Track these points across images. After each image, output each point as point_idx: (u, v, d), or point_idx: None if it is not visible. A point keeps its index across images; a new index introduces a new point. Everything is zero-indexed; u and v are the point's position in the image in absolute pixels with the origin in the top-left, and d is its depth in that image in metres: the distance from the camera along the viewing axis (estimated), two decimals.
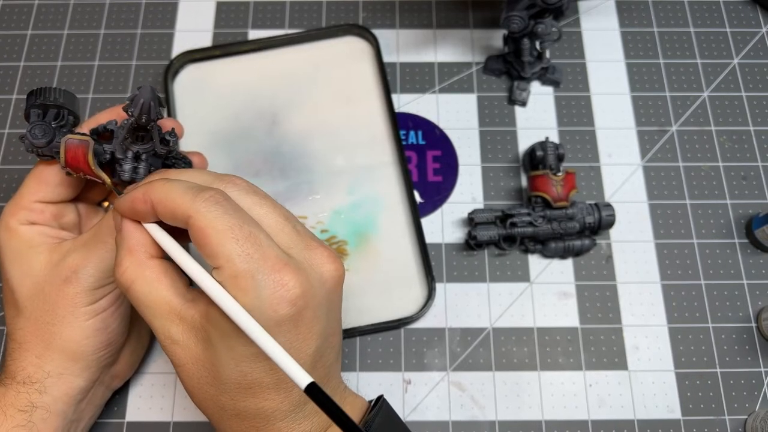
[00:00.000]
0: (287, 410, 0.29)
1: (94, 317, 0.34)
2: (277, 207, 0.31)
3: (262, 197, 0.30)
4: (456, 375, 0.42)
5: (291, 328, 0.28)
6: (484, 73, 0.51)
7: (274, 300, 0.27)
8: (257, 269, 0.27)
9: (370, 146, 0.48)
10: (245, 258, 0.27)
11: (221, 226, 0.27)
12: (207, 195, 0.28)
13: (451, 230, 0.46)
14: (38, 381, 0.34)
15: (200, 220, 0.27)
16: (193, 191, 0.28)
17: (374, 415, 0.31)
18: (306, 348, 0.29)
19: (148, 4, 0.53)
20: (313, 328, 0.29)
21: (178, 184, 0.29)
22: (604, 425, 0.41)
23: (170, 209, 0.28)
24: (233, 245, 0.27)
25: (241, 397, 0.29)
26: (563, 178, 0.43)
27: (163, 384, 0.42)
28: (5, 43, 0.52)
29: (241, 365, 0.28)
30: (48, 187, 0.35)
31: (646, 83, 0.50)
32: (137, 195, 0.29)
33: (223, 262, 0.27)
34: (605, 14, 0.53)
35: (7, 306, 0.35)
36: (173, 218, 0.28)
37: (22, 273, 0.34)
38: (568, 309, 0.44)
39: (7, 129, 0.49)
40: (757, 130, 0.49)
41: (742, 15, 0.53)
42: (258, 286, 0.27)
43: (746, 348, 0.43)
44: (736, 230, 0.46)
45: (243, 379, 0.28)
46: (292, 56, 0.50)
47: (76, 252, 0.34)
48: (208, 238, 0.27)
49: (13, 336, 0.35)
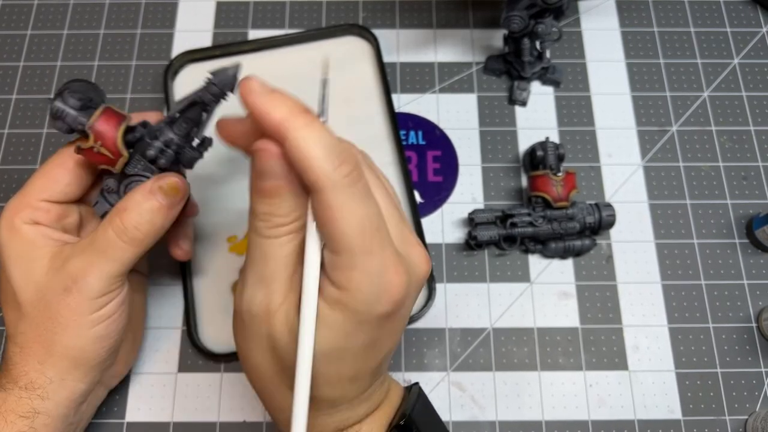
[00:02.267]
0: (353, 397, 0.30)
1: (98, 325, 0.34)
2: (390, 191, 0.30)
3: (380, 177, 0.30)
4: (456, 375, 0.42)
5: (384, 324, 0.28)
6: (485, 73, 0.51)
7: (381, 298, 0.26)
8: (375, 270, 0.26)
9: (370, 146, 0.47)
10: (367, 254, 0.26)
11: (354, 215, 0.25)
12: (346, 170, 0.25)
13: (452, 230, 0.46)
14: (40, 387, 0.33)
15: (333, 199, 0.25)
16: (335, 158, 0.25)
17: (414, 401, 0.32)
18: (387, 343, 0.29)
19: (148, 4, 0.53)
20: (399, 325, 0.29)
21: (323, 136, 0.25)
22: (604, 425, 0.41)
23: (305, 164, 0.25)
24: (359, 239, 0.25)
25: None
26: (563, 178, 0.43)
27: (163, 384, 0.41)
28: (5, 43, 0.52)
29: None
30: (57, 186, 0.34)
31: (646, 83, 0.50)
32: (273, 119, 0.26)
33: (342, 251, 0.26)
34: (605, 14, 0.53)
35: (7, 307, 0.35)
36: (300, 170, 0.25)
37: (25, 276, 0.33)
38: (568, 309, 0.44)
39: (7, 129, 0.49)
40: (758, 130, 0.49)
41: (743, 15, 0.53)
42: (372, 284, 0.26)
43: (747, 348, 0.43)
44: (736, 230, 0.46)
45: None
46: (291, 56, 0.50)
47: (77, 259, 0.33)
48: (335, 222, 0.25)
49: (15, 339, 0.34)
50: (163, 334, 0.43)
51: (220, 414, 0.41)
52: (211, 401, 0.41)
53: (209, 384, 0.41)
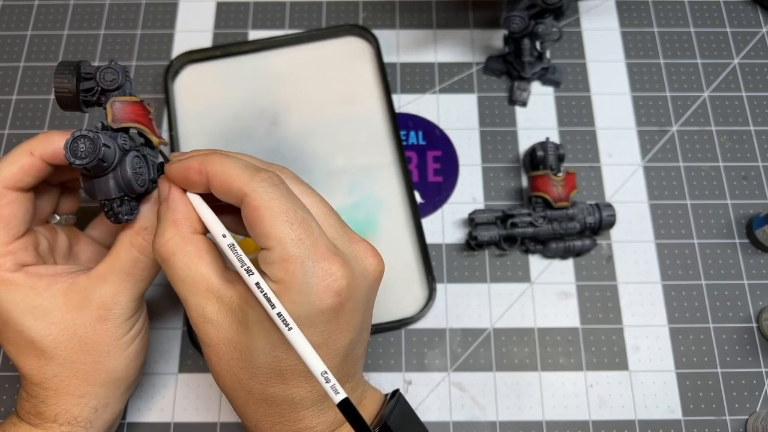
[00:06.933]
0: (315, 399, 0.30)
1: (134, 341, 0.35)
2: (323, 199, 0.31)
3: (309, 187, 0.31)
4: (457, 375, 0.42)
5: (331, 319, 0.28)
6: (485, 73, 0.51)
7: (321, 288, 0.27)
8: (307, 255, 0.27)
9: (370, 146, 0.48)
10: (297, 243, 0.27)
11: (277, 208, 0.27)
12: (265, 175, 0.28)
13: (452, 231, 0.46)
14: (85, 419, 0.34)
15: (256, 200, 0.27)
16: (250, 170, 0.28)
17: (392, 408, 0.32)
18: (342, 340, 0.29)
19: (148, 5, 0.53)
20: (351, 320, 0.29)
21: (236, 160, 0.29)
22: (604, 425, 0.41)
23: (226, 184, 0.28)
24: (287, 228, 0.27)
25: (271, 382, 0.29)
26: (564, 178, 0.43)
27: (164, 384, 0.41)
28: (5, 43, 0.52)
29: (276, 351, 0.28)
30: (15, 221, 0.33)
31: (646, 83, 0.50)
32: (193, 164, 0.29)
33: (274, 244, 0.27)
34: (605, 14, 0.53)
35: (24, 358, 0.33)
36: (227, 193, 0.28)
37: (43, 323, 0.32)
38: (568, 309, 0.44)
39: (8, 130, 0.49)
40: (758, 130, 0.49)
41: (742, 15, 0.53)
42: (307, 272, 0.27)
43: (747, 348, 0.43)
44: (736, 230, 0.46)
45: (276, 365, 0.28)
46: (291, 56, 0.50)
47: (103, 288, 0.33)
48: (262, 219, 0.27)
49: (45, 385, 0.33)
50: (163, 334, 0.43)
51: (220, 414, 0.41)
52: (211, 401, 0.41)
53: (209, 384, 0.41)
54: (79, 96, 0.32)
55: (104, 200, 0.31)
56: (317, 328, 0.28)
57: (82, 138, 0.29)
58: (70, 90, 0.32)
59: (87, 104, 0.33)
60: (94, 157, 0.29)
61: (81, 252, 0.38)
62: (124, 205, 0.32)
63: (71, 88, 0.32)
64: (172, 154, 0.31)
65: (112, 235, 0.39)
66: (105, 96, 0.32)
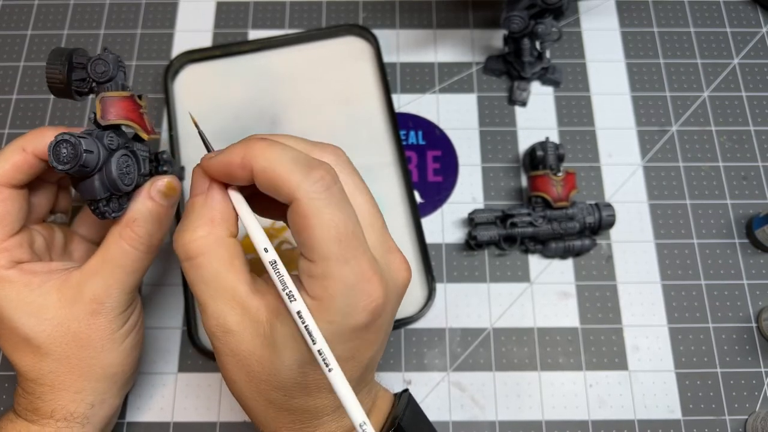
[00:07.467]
0: (336, 406, 0.29)
1: (129, 336, 0.35)
2: (372, 198, 0.29)
3: (361, 181, 0.29)
4: (456, 375, 0.42)
5: (362, 334, 0.27)
6: (484, 73, 0.51)
7: (358, 308, 0.26)
8: (350, 277, 0.25)
9: (370, 146, 0.48)
10: (342, 263, 0.25)
11: (327, 221, 0.25)
12: (318, 176, 0.25)
13: (452, 230, 0.46)
14: (81, 415, 0.34)
15: (308, 208, 0.25)
16: (303, 167, 0.25)
17: (404, 408, 0.31)
18: (368, 353, 0.28)
19: (148, 4, 0.53)
20: (379, 334, 0.28)
21: (284, 151, 0.26)
22: (604, 425, 0.41)
23: (274, 183, 0.26)
24: (334, 247, 0.25)
25: (294, 393, 0.28)
26: (563, 178, 0.43)
27: (163, 384, 0.41)
28: (5, 43, 0.52)
29: (304, 367, 0.27)
30: (10, 217, 0.33)
31: (646, 83, 0.50)
32: (234, 158, 0.26)
33: (318, 259, 0.25)
34: (605, 14, 0.53)
35: (19, 355, 0.33)
36: (275, 193, 0.26)
37: (36, 319, 0.32)
38: (568, 309, 0.44)
39: (8, 129, 0.49)
40: (757, 130, 0.49)
41: (742, 15, 0.53)
42: (348, 295, 0.26)
43: (746, 348, 0.43)
44: (736, 230, 0.46)
45: (303, 379, 0.27)
46: (291, 56, 0.50)
47: (95, 281, 0.33)
48: (311, 230, 0.25)
49: (41, 381, 0.33)
50: (163, 334, 0.43)
51: (220, 414, 0.41)
52: (211, 401, 0.41)
53: (209, 384, 0.41)
54: (71, 86, 0.32)
55: (90, 200, 0.31)
56: (347, 344, 0.27)
57: (65, 143, 0.29)
58: (61, 80, 0.31)
59: (80, 94, 0.33)
60: (76, 163, 0.29)
61: (75, 250, 0.38)
62: (112, 203, 0.32)
63: (62, 78, 0.31)
64: (208, 154, 0.29)
65: (99, 231, 0.39)
66: (98, 86, 0.32)
